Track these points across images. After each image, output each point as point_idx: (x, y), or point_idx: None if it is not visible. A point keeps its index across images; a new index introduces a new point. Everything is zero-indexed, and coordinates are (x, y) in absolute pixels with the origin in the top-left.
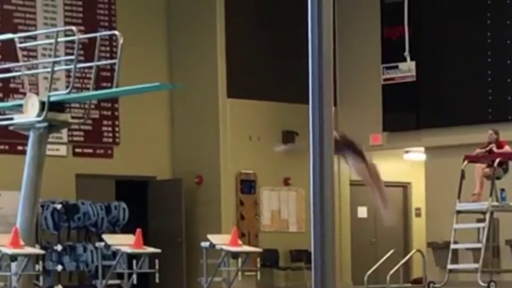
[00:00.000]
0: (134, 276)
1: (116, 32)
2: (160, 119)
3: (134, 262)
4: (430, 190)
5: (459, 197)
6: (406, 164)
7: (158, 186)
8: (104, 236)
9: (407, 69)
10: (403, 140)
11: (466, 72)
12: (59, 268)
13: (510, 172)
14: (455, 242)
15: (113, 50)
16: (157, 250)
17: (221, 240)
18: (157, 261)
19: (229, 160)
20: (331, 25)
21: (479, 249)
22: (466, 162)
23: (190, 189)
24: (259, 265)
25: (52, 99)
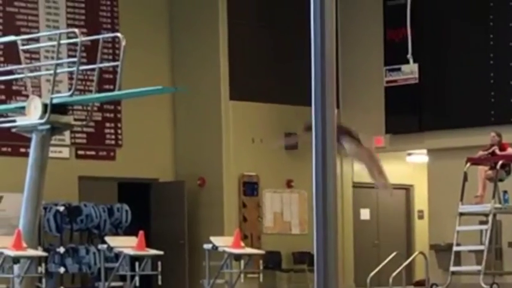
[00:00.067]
0: (137, 278)
1: (119, 34)
2: (162, 121)
3: (137, 264)
4: (433, 192)
5: (462, 199)
6: (409, 166)
7: (161, 188)
8: (107, 238)
9: (409, 71)
10: (406, 142)
11: (469, 74)
12: (62, 270)
13: None
14: (458, 244)
15: (116, 53)
16: (159, 252)
17: (224, 242)
18: (159, 263)
19: (231, 162)
20: (333, 27)
21: (481, 251)
22: (469, 164)
23: (192, 191)
24: (261, 267)
25: (55, 101)
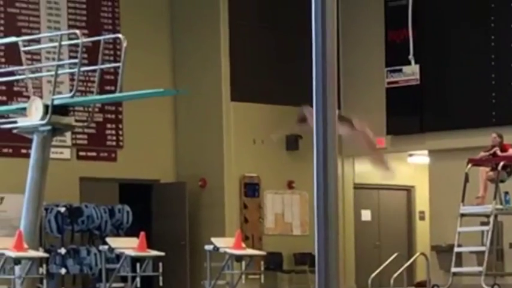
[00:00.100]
0: (138, 279)
1: (120, 36)
2: (164, 122)
3: (138, 265)
4: (434, 193)
5: (463, 200)
6: (410, 167)
7: (162, 189)
8: (108, 239)
9: (411, 72)
10: (407, 143)
11: (470, 75)
12: (63, 271)
13: None
14: (459, 245)
15: (117, 54)
16: (161, 253)
17: (225, 243)
18: (161, 264)
19: (233, 163)
20: (335, 28)
21: (483, 252)
22: (470, 165)
23: (194, 192)
24: (263, 268)
25: (56, 102)
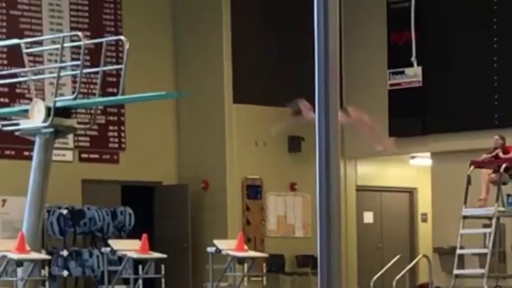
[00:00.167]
0: (140, 281)
1: (122, 38)
2: (166, 124)
3: (140, 267)
4: (436, 195)
5: (465, 203)
6: (412, 169)
7: (164, 191)
8: (110, 241)
9: (413, 74)
10: (409, 145)
11: (472, 77)
12: (65, 273)
13: None
14: (461, 247)
15: (119, 56)
16: (163, 255)
17: (227, 245)
18: (163, 266)
19: (235, 165)
20: (337, 30)
21: (485, 254)
22: (472, 167)
23: (196, 194)
24: (265, 270)
25: (58, 104)
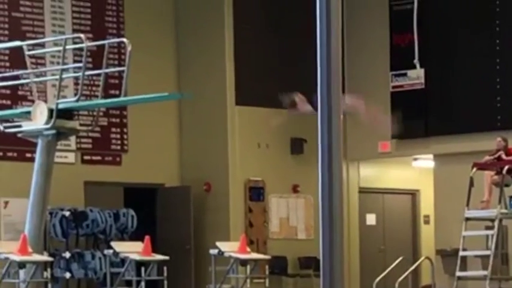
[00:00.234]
0: (143, 283)
1: (124, 40)
2: (168, 126)
3: (143, 269)
4: (439, 197)
5: (468, 204)
6: (415, 171)
7: (167, 193)
8: (113, 243)
9: (416, 76)
10: (412, 147)
11: (475, 79)
12: (67, 275)
13: None
14: (464, 249)
15: (121, 58)
16: (165, 257)
17: (230, 247)
18: (165, 268)
19: (237, 167)
20: (339, 32)
21: (488, 256)
22: (475, 169)
23: (198, 196)
24: (267, 272)
25: (60, 106)
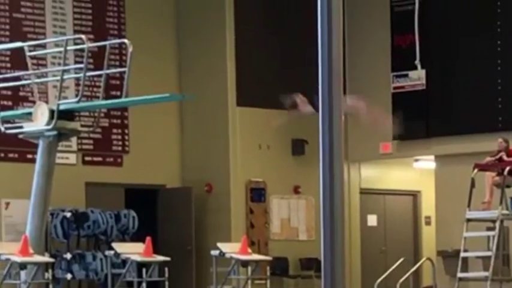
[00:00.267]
0: (144, 284)
1: (125, 41)
2: (170, 127)
3: (144, 270)
4: (440, 198)
5: (469, 205)
6: (416, 173)
7: (168, 194)
8: (114, 245)
9: (417, 77)
10: (413, 149)
11: (476, 80)
12: (69, 276)
13: None
14: (465, 250)
15: (122, 59)
16: (167, 258)
17: (231, 248)
18: (167, 269)
19: (239, 168)
20: (341, 33)
21: (489, 257)
22: (476, 170)
23: (200, 197)
24: (269, 273)
25: (61, 107)
